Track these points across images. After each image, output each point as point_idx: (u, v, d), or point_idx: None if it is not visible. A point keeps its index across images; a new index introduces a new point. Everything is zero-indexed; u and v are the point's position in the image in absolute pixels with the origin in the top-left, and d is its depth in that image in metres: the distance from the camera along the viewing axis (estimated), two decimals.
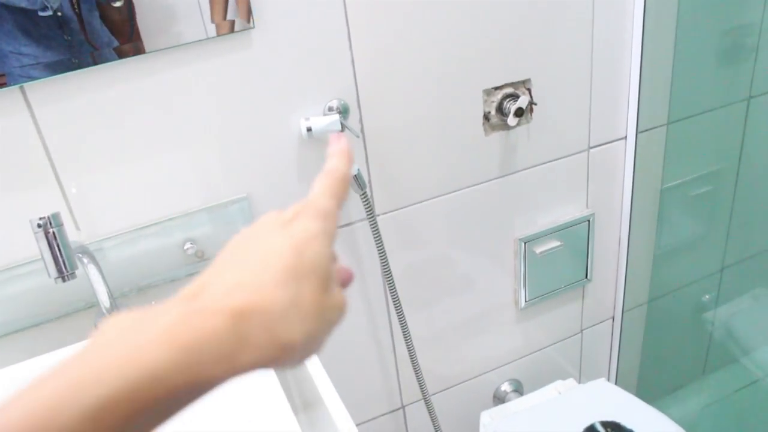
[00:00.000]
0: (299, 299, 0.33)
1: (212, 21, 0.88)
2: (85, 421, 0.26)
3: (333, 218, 0.38)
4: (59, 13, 0.80)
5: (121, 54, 0.85)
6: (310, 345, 0.33)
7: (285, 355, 0.31)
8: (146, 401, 0.27)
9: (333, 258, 0.37)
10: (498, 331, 1.39)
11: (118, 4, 0.83)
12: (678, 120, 1.33)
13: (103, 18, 0.83)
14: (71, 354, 0.29)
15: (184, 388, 0.29)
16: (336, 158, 0.42)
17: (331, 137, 0.44)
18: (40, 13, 0.80)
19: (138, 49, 0.86)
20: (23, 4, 0.79)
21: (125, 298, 0.99)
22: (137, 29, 0.84)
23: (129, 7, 0.83)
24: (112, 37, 0.84)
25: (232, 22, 0.89)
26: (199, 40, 0.88)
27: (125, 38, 0.84)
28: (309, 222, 0.36)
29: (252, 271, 0.33)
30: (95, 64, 0.84)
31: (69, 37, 0.82)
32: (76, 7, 0.81)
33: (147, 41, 0.86)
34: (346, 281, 0.40)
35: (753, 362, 1.70)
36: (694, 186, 1.48)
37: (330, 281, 0.35)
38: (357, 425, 0.70)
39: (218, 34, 0.89)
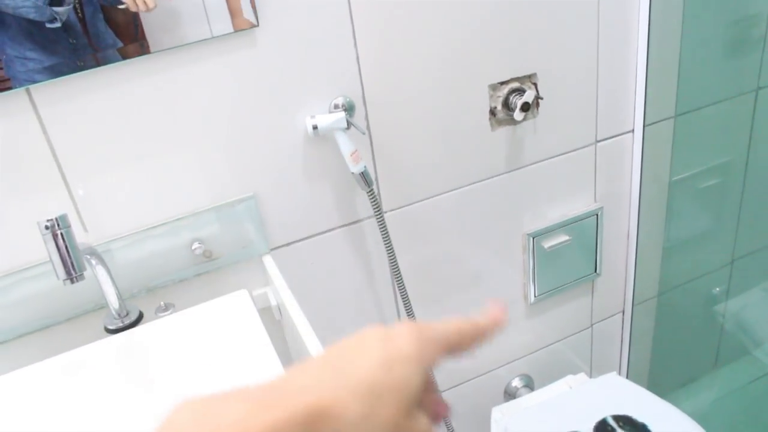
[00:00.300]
0: (375, 415, 0.32)
1: (231, 16, 0.88)
2: None
3: (435, 349, 0.37)
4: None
5: (125, 55, 0.85)
6: None
7: None
8: None
9: (424, 385, 0.35)
10: (508, 326, 1.39)
11: (122, 6, 0.83)
12: (686, 112, 1.33)
13: (108, 20, 0.83)
14: None
15: None
16: (487, 320, 0.40)
17: (491, 302, 0.42)
18: (48, 25, 0.80)
19: (143, 50, 0.86)
20: (32, 16, 0.79)
21: (134, 299, 0.99)
22: (142, 29, 0.85)
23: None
24: (117, 39, 0.84)
25: (248, 20, 0.89)
26: (204, 39, 0.88)
27: (129, 39, 0.85)
28: (408, 343, 0.35)
29: (335, 373, 0.33)
30: (99, 65, 0.84)
31: (74, 41, 0.82)
32: (79, 12, 0.81)
33: (152, 41, 0.86)
34: (438, 415, 0.39)
35: (765, 354, 1.69)
36: (703, 178, 1.47)
37: (414, 406, 0.34)
38: None
39: (235, 30, 0.89)
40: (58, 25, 0.81)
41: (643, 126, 1.27)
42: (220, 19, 0.88)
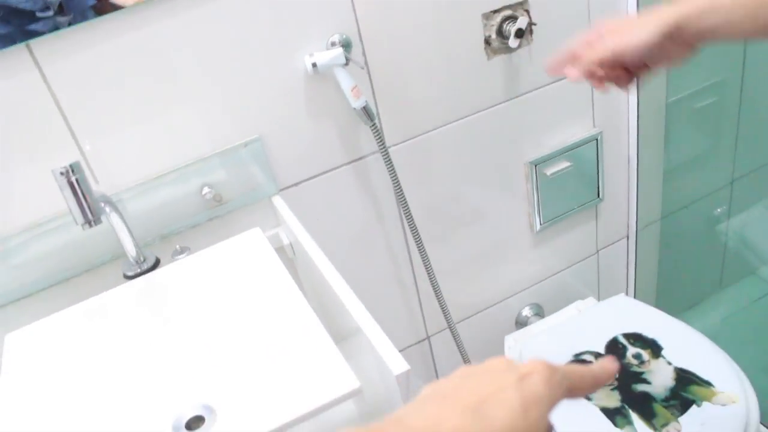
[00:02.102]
0: None
1: None
2: None
3: (562, 392, 0.38)
4: None
5: (115, 6, 0.86)
6: None
7: None
8: None
9: (550, 427, 0.37)
10: (515, 258, 1.41)
11: None
12: None
13: None
14: None
15: None
16: (602, 370, 0.42)
17: (607, 359, 0.44)
18: (39, 14, 0.80)
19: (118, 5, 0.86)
20: (26, 6, 0.79)
21: (149, 247, 1.01)
22: None
23: None
24: None
25: None
26: None
27: None
28: (539, 383, 0.36)
29: (478, 418, 0.34)
30: (91, 18, 0.85)
31: None
32: None
33: None
34: None
35: None
36: (699, 98, 1.48)
37: None
38: None
39: None
40: (50, 13, 0.81)
41: None
42: None
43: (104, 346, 0.82)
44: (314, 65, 0.99)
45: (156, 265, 0.96)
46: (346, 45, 1.02)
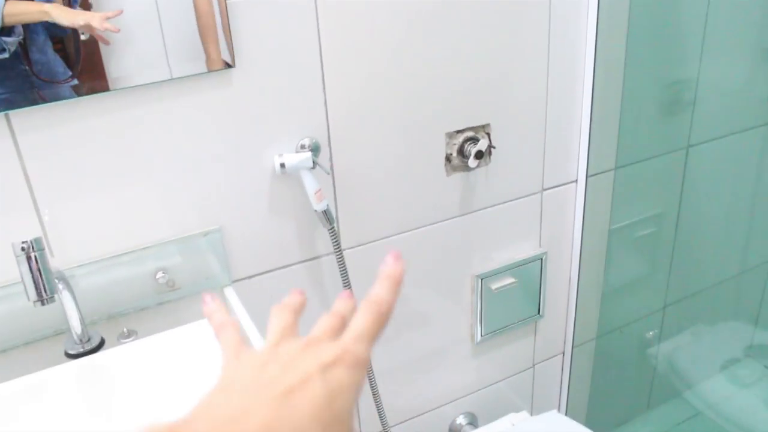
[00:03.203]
0: None
1: (206, 56, 0.92)
2: None
3: (365, 368, 0.38)
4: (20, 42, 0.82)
5: (83, 90, 0.88)
6: None
7: None
8: None
9: (355, 407, 0.37)
10: (454, 365, 1.44)
11: (84, 37, 0.86)
12: (625, 165, 1.43)
13: (61, 50, 0.86)
14: None
15: None
16: (386, 285, 0.42)
17: (389, 254, 0.42)
18: None
19: (101, 87, 0.89)
20: None
21: (95, 325, 1.00)
22: (100, 60, 0.87)
23: (77, 40, 0.86)
24: (68, 69, 0.87)
25: (225, 61, 0.94)
26: (183, 77, 0.92)
27: (76, 68, 0.87)
28: (344, 372, 0.36)
29: (284, 411, 0.33)
30: (56, 99, 0.87)
31: (27, 67, 0.84)
32: (22, 40, 0.83)
33: (117, 77, 0.89)
34: None
35: (695, 396, 1.78)
36: (640, 228, 1.57)
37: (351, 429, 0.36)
38: None
39: (210, 70, 0.93)
40: (6, 55, 0.82)
41: (586, 177, 1.37)
42: (199, 57, 0.93)
43: (39, 428, 0.80)
44: (282, 165, 1.03)
45: (100, 345, 0.95)
46: (315, 149, 1.06)
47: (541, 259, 1.41)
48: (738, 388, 1.78)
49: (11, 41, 0.82)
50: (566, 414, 1.68)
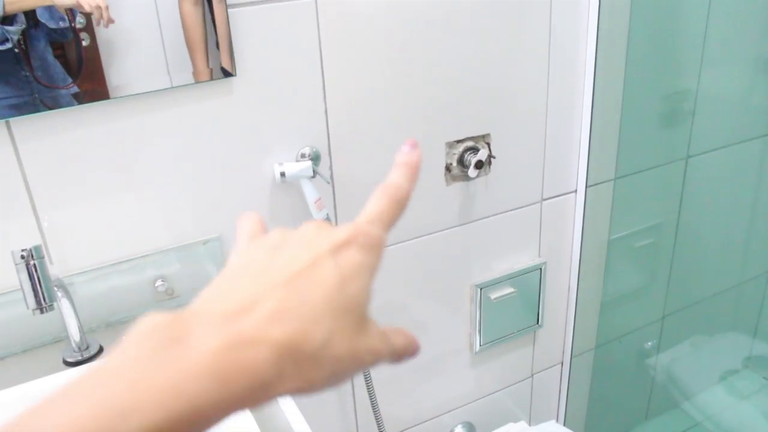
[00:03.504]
0: (333, 340, 0.30)
1: (193, 67, 0.92)
2: None
3: (381, 250, 0.35)
4: (16, 50, 0.82)
5: (84, 97, 0.88)
6: (336, 381, 0.32)
7: (310, 390, 0.30)
8: (184, 430, 0.27)
9: (372, 294, 0.34)
10: (453, 375, 1.44)
11: (85, 43, 0.86)
12: (624, 176, 1.43)
13: (61, 56, 0.86)
14: (105, 368, 0.27)
15: (219, 418, 0.28)
16: (402, 172, 0.39)
17: (405, 144, 0.40)
18: None
19: (101, 95, 0.89)
20: None
21: (93, 333, 1.00)
22: (100, 68, 0.88)
23: (78, 46, 0.86)
24: (67, 75, 0.87)
25: (211, 70, 0.94)
26: (185, 85, 0.93)
27: (77, 75, 0.87)
28: (357, 253, 0.33)
29: (294, 296, 0.31)
30: (58, 106, 0.87)
31: (27, 73, 0.84)
32: (23, 44, 0.83)
33: (117, 87, 0.89)
34: (402, 352, 0.37)
35: (693, 406, 1.78)
36: (639, 238, 1.57)
37: (367, 321, 0.33)
38: None
39: (197, 81, 0.93)
40: (8, 45, 0.81)
41: (586, 187, 1.37)
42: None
43: None
44: (282, 174, 1.03)
45: (99, 353, 0.95)
46: (315, 158, 1.07)
47: (541, 268, 1.41)
48: (736, 400, 1.78)
49: (14, 30, 0.81)
50: (564, 424, 1.68)
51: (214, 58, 0.93)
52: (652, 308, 1.71)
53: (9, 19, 0.81)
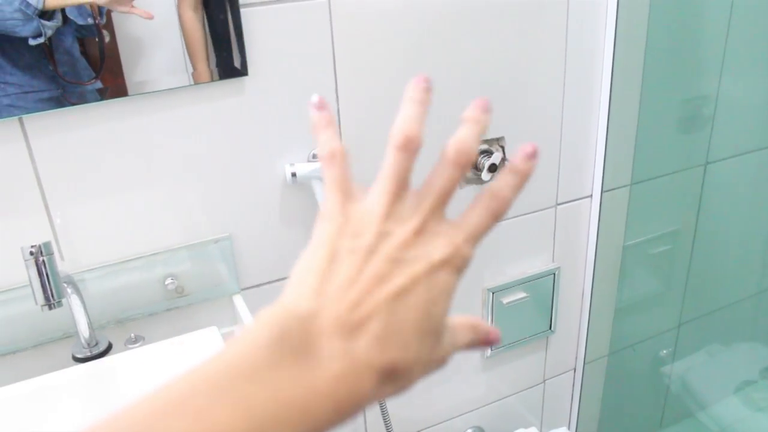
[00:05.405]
0: (419, 359, 0.33)
1: (193, 68, 0.93)
2: None
3: (466, 270, 0.35)
4: (45, 44, 0.83)
5: (107, 93, 0.89)
6: (412, 384, 0.34)
7: (393, 396, 0.33)
8: None
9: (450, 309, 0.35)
10: (464, 379, 1.43)
11: (107, 39, 0.87)
12: (640, 181, 1.41)
13: (83, 53, 0.87)
14: (241, 368, 0.30)
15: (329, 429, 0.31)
16: (511, 181, 0.38)
17: (522, 149, 0.38)
18: (32, 41, 0.82)
19: (122, 92, 0.89)
20: (18, 29, 0.80)
21: (102, 330, 1.00)
22: (119, 65, 0.88)
23: (102, 42, 0.87)
24: (92, 71, 0.88)
25: (212, 71, 0.94)
26: (193, 85, 0.93)
27: (100, 71, 0.88)
28: (450, 276, 0.34)
29: (394, 321, 0.32)
30: (84, 101, 0.88)
31: (53, 68, 0.85)
32: (48, 40, 0.84)
33: (135, 84, 0.90)
34: (472, 345, 0.38)
35: (708, 417, 1.75)
36: (655, 244, 1.55)
37: (442, 341, 0.34)
38: None
39: (196, 82, 0.93)
40: (41, 40, 0.82)
41: (601, 192, 1.35)
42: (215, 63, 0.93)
43: (44, 431, 0.80)
44: (293, 175, 1.02)
45: (108, 350, 0.95)
46: None
47: (554, 274, 1.39)
48: (752, 411, 1.75)
49: (50, 25, 0.82)
50: (576, 431, 1.66)
51: (218, 60, 0.93)
52: (667, 316, 1.69)
53: (47, 15, 0.82)
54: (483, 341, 0.38)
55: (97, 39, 0.87)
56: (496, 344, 0.39)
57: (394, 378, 0.32)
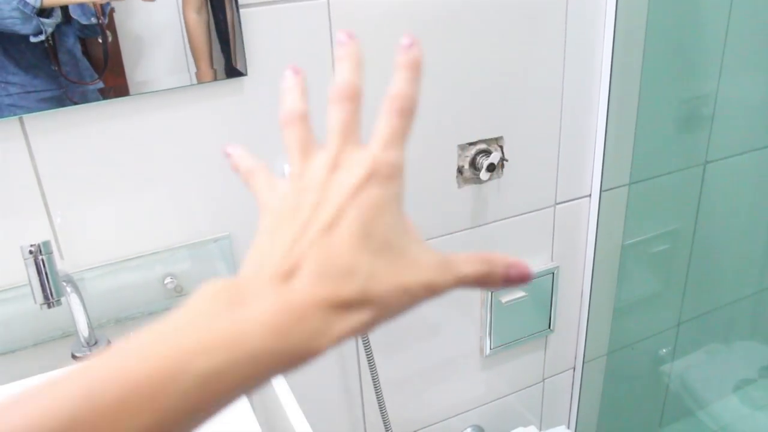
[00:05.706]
0: (372, 282, 0.31)
1: (195, 68, 0.93)
2: (197, 387, 0.28)
3: (402, 174, 0.34)
4: (47, 43, 0.83)
5: (110, 93, 0.89)
6: (391, 315, 0.33)
7: (366, 329, 0.32)
8: (244, 376, 0.29)
9: (406, 222, 0.34)
10: (463, 378, 1.43)
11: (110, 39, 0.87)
12: (639, 181, 1.41)
13: (85, 53, 0.87)
14: (175, 320, 0.30)
15: (277, 370, 0.30)
16: (405, 77, 0.37)
17: (404, 37, 0.37)
18: (33, 39, 0.82)
19: (124, 91, 0.90)
20: (17, 27, 0.80)
21: (101, 329, 1.00)
22: (121, 65, 0.88)
23: (105, 42, 0.87)
24: (94, 71, 0.88)
25: (215, 71, 0.94)
26: (192, 85, 0.93)
27: (102, 71, 0.88)
28: (379, 188, 0.33)
29: (327, 254, 0.31)
30: (85, 101, 0.88)
31: (56, 68, 0.85)
32: (51, 39, 0.84)
33: (137, 84, 0.90)
34: (483, 280, 0.36)
35: (708, 415, 1.76)
36: (654, 244, 1.56)
37: (412, 254, 0.33)
38: None
39: (199, 81, 0.93)
40: (42, 38, 0.82)
41: (600, 191, 1.35)
42: (217, 63, 0.93)
43: None
44: None
45: None
46: None
47: (553, 273, 1.39)
48: (751, 410, 1.75)
49: (49, 23, 0.82)
50: (575, 430, 1.66)
51: (218, 60, 0.94)
52: (666, 315, 1.69)
53: (46, 12, 0.82)
54: (502, 277, 0.35)
55: (100, 39, 0.87)
56: (522, 282, 0.35)
57: (349, 308, 0.31)
